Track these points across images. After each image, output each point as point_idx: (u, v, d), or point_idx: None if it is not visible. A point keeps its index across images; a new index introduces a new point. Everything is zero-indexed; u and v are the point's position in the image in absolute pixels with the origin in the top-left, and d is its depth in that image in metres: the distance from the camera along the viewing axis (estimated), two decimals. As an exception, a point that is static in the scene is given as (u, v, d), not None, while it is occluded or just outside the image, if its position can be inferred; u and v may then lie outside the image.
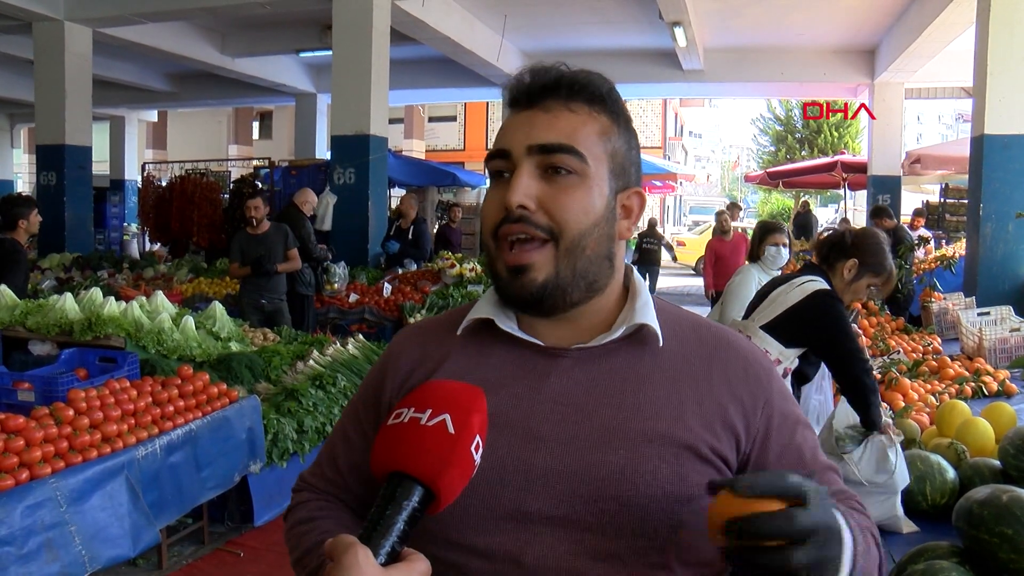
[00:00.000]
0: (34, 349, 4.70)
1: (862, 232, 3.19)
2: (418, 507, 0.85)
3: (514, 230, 1.02)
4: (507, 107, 1.10)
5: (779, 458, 1.06)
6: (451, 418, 0.87)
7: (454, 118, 29.60)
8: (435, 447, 0.85)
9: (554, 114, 1.04)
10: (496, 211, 1.04)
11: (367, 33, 8.99)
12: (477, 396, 0.91)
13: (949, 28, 9.92)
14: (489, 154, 1.08)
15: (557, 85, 1.05)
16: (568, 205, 1.02)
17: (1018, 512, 1.48)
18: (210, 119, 27.30)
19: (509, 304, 1.09)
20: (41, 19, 10.09)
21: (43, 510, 2.95)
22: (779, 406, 1.09)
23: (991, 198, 7.14)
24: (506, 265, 1.04)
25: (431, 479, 0.84)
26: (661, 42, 12.74)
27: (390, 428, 0.88)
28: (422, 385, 0.95)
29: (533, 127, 1.03)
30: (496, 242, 1.05)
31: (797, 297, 3.00)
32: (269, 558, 4.03)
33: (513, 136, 1.05)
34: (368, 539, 0.81)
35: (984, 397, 3.69)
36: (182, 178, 11.73)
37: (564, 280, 1.04)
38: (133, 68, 15.60)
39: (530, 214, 1.02)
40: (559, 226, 1.02)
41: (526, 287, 1.03)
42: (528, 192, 1.02)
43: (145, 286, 8.65)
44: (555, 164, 1.02)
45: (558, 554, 0.98)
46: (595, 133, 1.05)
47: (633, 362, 1.07)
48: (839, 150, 23.55)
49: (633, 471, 0.99)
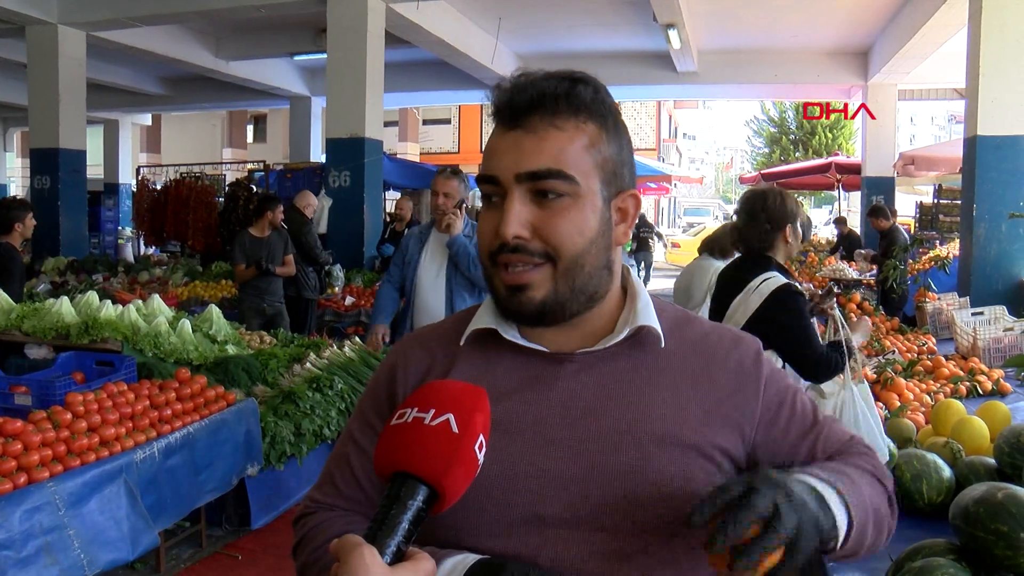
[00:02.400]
0: (30, 353, 4.69)
1: (758, 197, 3.18)
2: (423, 507, 0.85)
3: (512, 259, 1.03)
4: (491, 117, 1.08)
5: (787, 428, 1.11)
6: (455, 418, 0.87)
7: (448, 121, 29.62)
8: (439, 447, 0.85)
9: (540, 135, 1.02)
10: (491, 237, 1.04)
11: (361, 36, 8.99)
12: (480, 396, 0.92)
13: (942, 30, 9.97)
14: (479, 176, 1.07)
15: (541, 101, 1.03)
16: (563, 228, 1.03)
17: (1013, 509, 1.50)
18: (204, 122, 27.27)
19: (509, 319, 1.10)
20: (34, 23, 10.07)
21: (41, 514, 2.95)
22: (773, 385, 1.13)
23: (984, 199, 7.17)
24: (504, 284, 1.05)
25: (435, 479, 0.85)
26: (655, 44, 12.77)
27: (393, 428, 0.89)
28: (424, 385, 0.95)
29: (521, 152, 1.02)
30: (493, 263, 1.06)
31: (757, 302, 2.98)
32: (267, 561, 4.03)
33: (501, 161, 1.03)
34: (373, 539, 0.82)
35: (979, 396, 3.71)
36: (177, 182, 11.73)
37: (563, 296, 1.05)
38: (127, 72, 15.57)
39: (526, 243, 1.02)
40: (555, 250, 1.03)
41: (525, 305, 1.05)
42: (521, 221, 1.02)
43: (141, 290, 8.63)
44: (546, 188, 1.02)
45: (572, 556, 1.00)
46: (583, 148, 1.04)
47: (636, 364, 1.09)
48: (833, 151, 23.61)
49: (643, 472, 1.01)
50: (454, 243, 4.20)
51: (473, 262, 4.11)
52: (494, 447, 1.01)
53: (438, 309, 4.24)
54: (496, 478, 1.01)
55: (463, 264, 4.18)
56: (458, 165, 4.08)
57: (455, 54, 12.10)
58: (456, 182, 4.30)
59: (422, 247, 4.43)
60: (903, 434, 2.62)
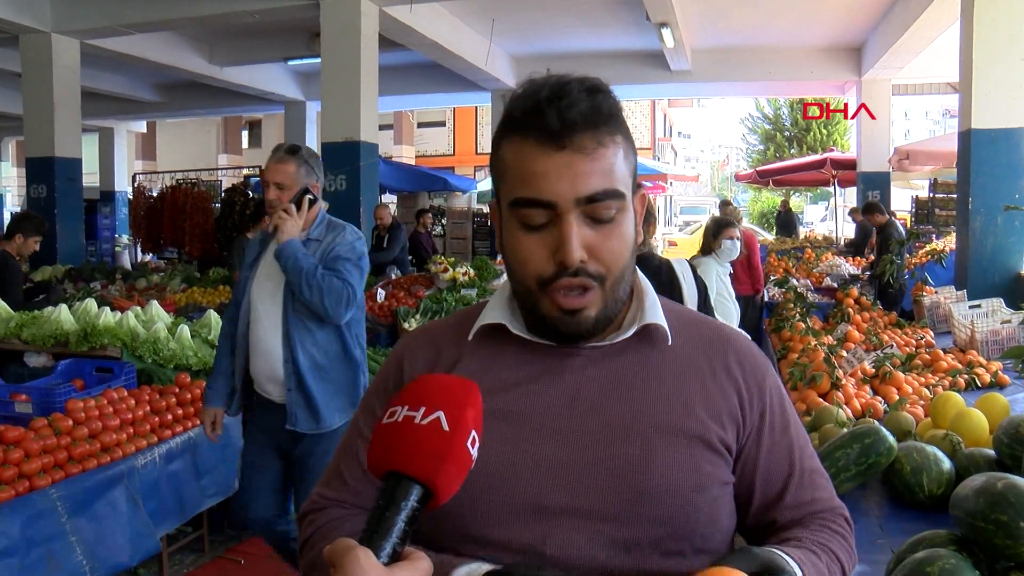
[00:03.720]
0: (30, 361, 4.69)
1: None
2: (417, 506, 0.85)
3: (574, 284, 1.02)
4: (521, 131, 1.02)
5: (768, 454, 1.11)
6: (445, 415, 0.87)
7: (443, 123, 29.62)
8: (430, 446, 0.85)
9: (590, 155, 1.00)
10: (544, 263, 1.02)
11: (355, 40, 8.99)
12: (470, 390, 0.91)
13: (934, 24, 9.99)
14: (523, 200, 1.02)
15: (585, 120, 1.00)
16: (617, 249, 1.04)
17: (1012, 499, 1.50)
18: (199, 129, 27.25)
19: (562, 342, 1.09)
20: (28, 31, 10.06)
21: (43, 521, 2.96)
22: (773, 403, 1.14)
23: (980, 192, 7.18)
24: (560, 308, 1.04)
25: (428, 478, 0.85)
26: (648, 43, 12.78)
27: (385, 427, 0.88)
28: (414, 381, 0.94)
29: (576, 175, 0.99)
30: (542, 288, 1.04)
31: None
32: (269, 565, 4.02)
33: (556, 186, 1.00)
34: (369, 541, 0.82)
35: (977, 389, 3.71)
36: (173, 188, 11.73)
37: (610, 310, 1.07)
38: (121, 79, 15.56)
39: (585, 266, 1.02)
40: (608, 269, 1.03)
41: (583, 325, 1.05)
42: (581, 243, 1.01)
43: (139, 296, 8.62)
44: (603, 215, 1.01)
45: (578, 545, 1.00)
46: (623, 160, 1.04)
47: (643, 359, 1.10)
48: (828, 147, 23.64)
49: (648, 462, 1.02)
50: (282, 253, 3.00)
51: (309, 282, 2.95)
52: (499, 437, 1.02)
53: (274, 348, 3.07)
54: (501, 468, 1.02)
55: (295, 284, 2.99)
56: (298, 145, 3.20)
57: (449, 56, 12.09)
58: (293, 166, 3.12)
59: (258, 257, 3.24)
60: (902, 427, 2.63)
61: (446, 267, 8.54)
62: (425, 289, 8.30)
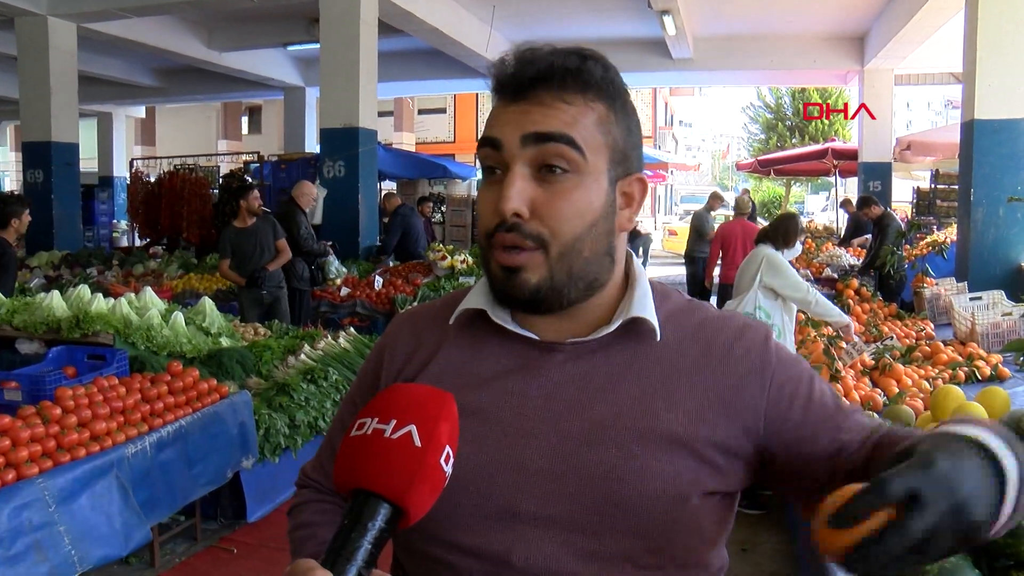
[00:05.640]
0: (21, 348, 4.66)
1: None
2: (385, 527, 0.79)
3: (506, 240, 0.97)
4: (493, 93, 1.02)
5: (804, 418, 1.00)
6: (417, 429, 0.80)
7: (444, 110, 29.55)
8: (401, 462, 0.79)
9: (548, 106, 0.96)
10: (491, 214, 0.99)
11: (355, 25, 8.95)
12: (445, 402, 0.85)
13: (938, 13, 9.92)
14: (480, 142, 1.01)
15: (549, 75, 0.97)
16: (563, 210, 0.97)
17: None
18: (199, 114, 27.19)
19: (504, 303, 1.04)
20: (23, 14, 9.99)
21: (31, 510, 2.92)
22: (784, 373, 1.03)
23: (982, 183, 7.15)
24: (499, 264, 1.00)
25: (398, 497, 0.79)
26: (650, 31, 12.71)
27: (352, 440, 0.82)
28: (386, 390, 0.88)
29: (528, 116, 0.96)
30: (489, 243, 1.00)
31: None
32: (263, 554, 4.00)
33: (505, 126, 0.98)
34: (333, 564, 0.75)
35: (977, 382, 3.69)
36: (171, 174, 11.68)
37: (559, 282, 0.99)
38: (120, 64, 15.50)
39: (523, 223, 0.96)
40: (552, 232, 0.97)
41: (519, 288, 0.99)
42: (523, 197, 0.96)
43: (135, 283, 8.60)
44: (551, 161, 0.96)
45: (546, 555, 0.95)
46: (593, 123, 0.98)
47: (628, 355, 1.02)
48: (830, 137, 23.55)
49: (624, 470, 0.95)
50: None
51: None
52: (472, 436, 0.97)
53: None
54: (473, 469, 0.96)
55: None
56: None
57: (449, 43, 12.03)
58: None
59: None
60: (902, 420, 2.60)
61: (444, 255, 8.52)
62: (423, 277, 8.28)
